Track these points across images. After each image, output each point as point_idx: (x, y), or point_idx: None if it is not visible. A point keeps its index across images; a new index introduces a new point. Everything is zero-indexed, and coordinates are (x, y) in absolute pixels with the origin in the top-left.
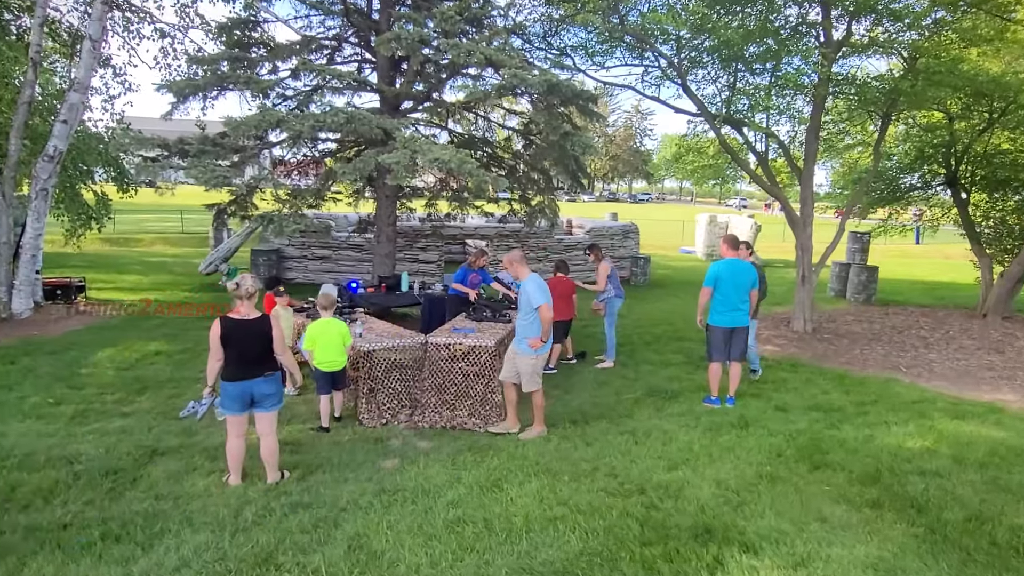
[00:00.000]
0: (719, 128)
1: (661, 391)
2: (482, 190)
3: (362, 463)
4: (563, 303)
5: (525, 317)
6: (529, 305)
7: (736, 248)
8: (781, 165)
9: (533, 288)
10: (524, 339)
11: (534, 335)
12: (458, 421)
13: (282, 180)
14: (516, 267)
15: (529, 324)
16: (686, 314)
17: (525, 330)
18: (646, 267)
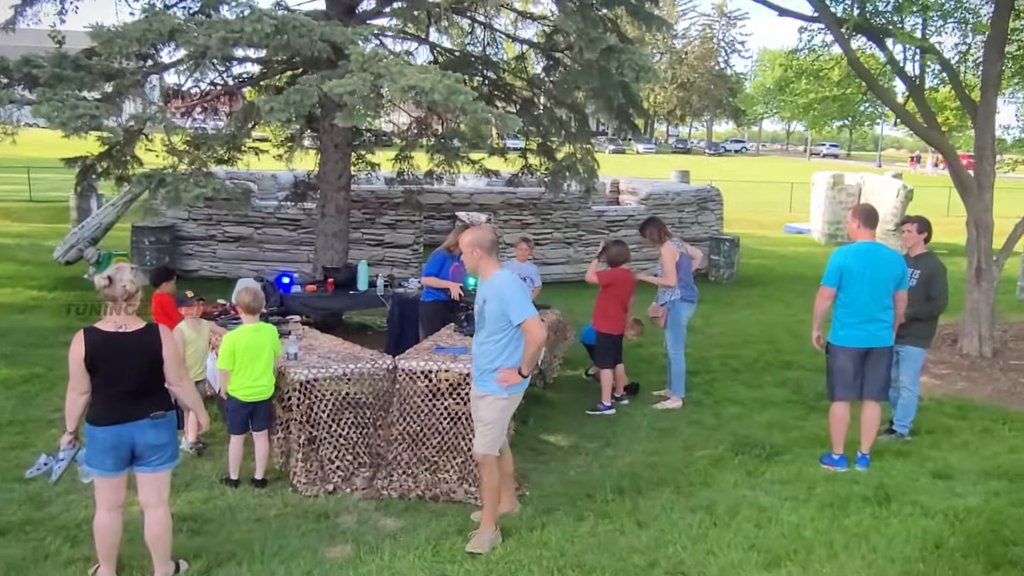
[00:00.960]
0: (848, 39)
1: (755, 445)
2: (481, 136)
3: (297, 551)
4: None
5: (492, 337)
6: (502, 318)
7: (873, 226)
8: (945, 97)
9: (512, 292)
10: (489, 371)
11: (510, 363)
12: (442, 488)
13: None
14: (478, 256)
15: (501, 348)
16: (794, 328)
17: (490, 356)
18: (733, 255)
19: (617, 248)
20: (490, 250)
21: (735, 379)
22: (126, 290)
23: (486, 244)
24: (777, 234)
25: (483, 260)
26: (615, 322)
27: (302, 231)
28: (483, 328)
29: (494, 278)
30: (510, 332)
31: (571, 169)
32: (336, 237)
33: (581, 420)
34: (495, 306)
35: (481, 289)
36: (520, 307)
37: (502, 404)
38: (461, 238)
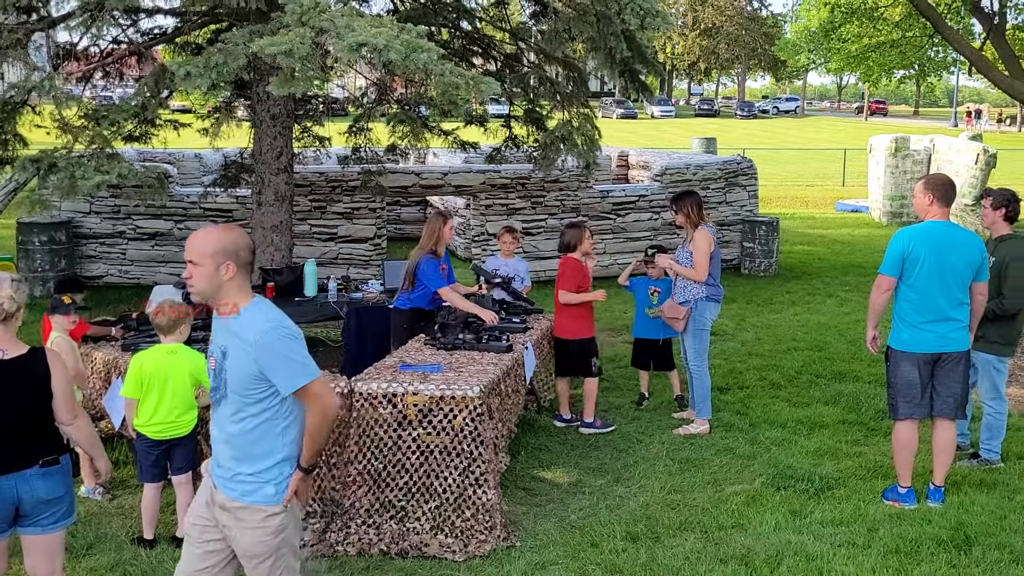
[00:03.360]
0: None
1: (801, 478)
2: (454, 102)
3: None
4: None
5: (244, 413)
6: (259, 383)
7: (949, 202)
8: None
9: (281, 340)
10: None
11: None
12: (412, 542)
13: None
14: (229, 274)
15: (263, 431)
16: (848, 330)
17: (245, 446)
18: (772, 241)
19: (572, 232)
20: (247, 266)
21: (775, 396)
22: (3, 309)
23: (245, 256)
24: (827, 213)
25: (234, 282)
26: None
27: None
28: (225, 398)
29: (247, 313)
30: (275, 405)
31: (566, 140)
32: (277, 231)
33: (583, 450)
34: (245, 363)
35: (220, 332)
36: (296, 366)
37: (278, 523)
38: (192, 242)
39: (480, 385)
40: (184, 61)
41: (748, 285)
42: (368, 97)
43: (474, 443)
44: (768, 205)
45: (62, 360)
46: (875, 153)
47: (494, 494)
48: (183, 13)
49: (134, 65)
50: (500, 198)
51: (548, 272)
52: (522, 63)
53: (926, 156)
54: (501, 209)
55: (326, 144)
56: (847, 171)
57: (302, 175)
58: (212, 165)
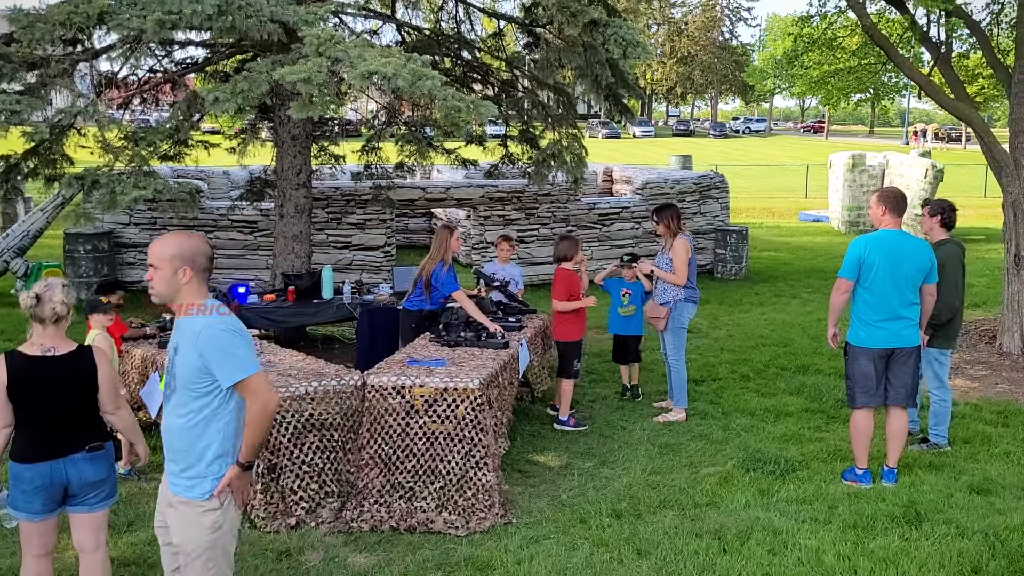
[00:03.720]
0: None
1: (768, 461)
2: (456, 124)
3: None
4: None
5: (187, 407)
6: (203, 377)
7: (900, 213)
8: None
9: (226, 336)
10: (189, 465)
11: (219, 451)
12: (419, 519)
13: (114, 114)
14: (186, 279)
15: (203, 427)
16: (811, 328)
17: (190, 439)
18: (741, 248)
19: (565, 244)
20: (204, 272)
21: (745, 387)
22: (55, 312)
23: (201, 261)
24: (791, 223)
25: (190, 286)
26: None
27: (259, 234)
28: (174, 392)
29: (198, 311)
30: (216, 400)
31: (556, 158)
32: (297, 240)
33: (573, 437)
34: (191, 356)
35: (175, 331)
36: (236, 360)
37: (213, 520)
38: (153, 247)
39: (480, 378)
40: (213, 88)
41: (721, 288)
42: (379, 119)
43: (475, 430)
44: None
45: (107, 356)
46: (834, 168)
47: (493, 476)
48: (212, 45)
49: (168, 92)
50: (497, 210)
51: (540, 276)
52: (517, 88)
53: (880, 171)
54: (498, 220)
55: (341, 162)
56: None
57: (319, 190)
58: (239, 181)
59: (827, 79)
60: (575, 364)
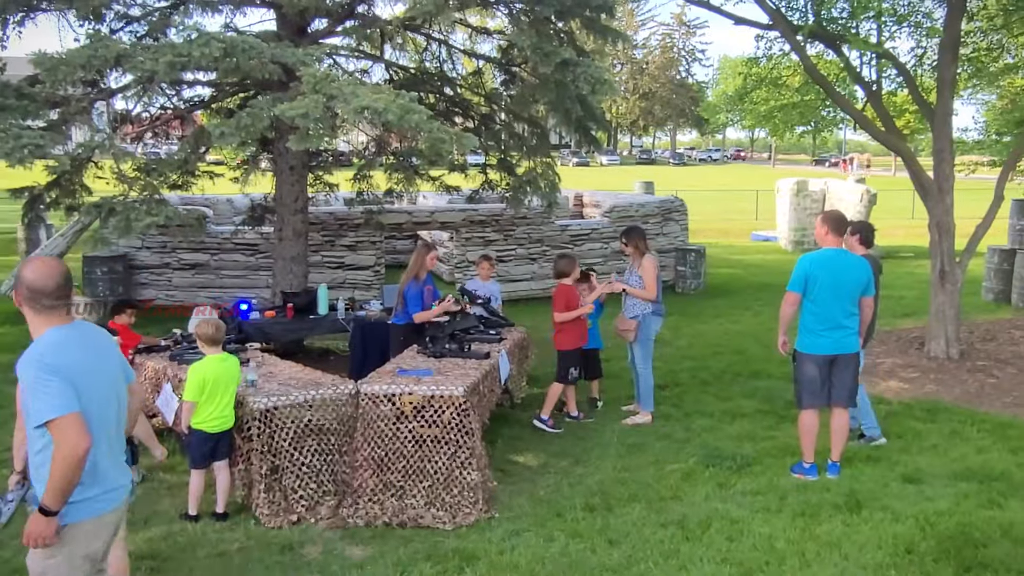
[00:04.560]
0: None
1: (725, 457)
2: (440, 153)
3: None
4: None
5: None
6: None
7: (841, 232)
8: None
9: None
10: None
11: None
12: (409, 515)
13: (128, 148)
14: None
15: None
16: (763, 336)
17: (40, 459)
18: (699, 265)
19: (563, 262)
20: (32, 301)
21: (704, 391)
22: None
23: (29, 293)
24: (744, 242)
25: (28, 311)
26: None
27: (260, 256)
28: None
29: (36, 343)
30: (49, 435)
31: (532, 184)
32: (295, 261)
33: (550, 439)
34: (22, 385)
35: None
36: (43, 400)
37: (44, 550)
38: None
39: (464, 386)
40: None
41: (682, 301)
42: (369, 150)
43: (460, 433)
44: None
45: None
46: (781, 193)
47: (477, 474)
48: (218, 84)
49: (178, 126)
50: (478, 231)
51: (518, 292)
52: (495, 121)
53: (822, 195)
54: (478, 241)
55: (335, 189)
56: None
57: (315, 215)
58: (241, 207)
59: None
60: (571, 371)
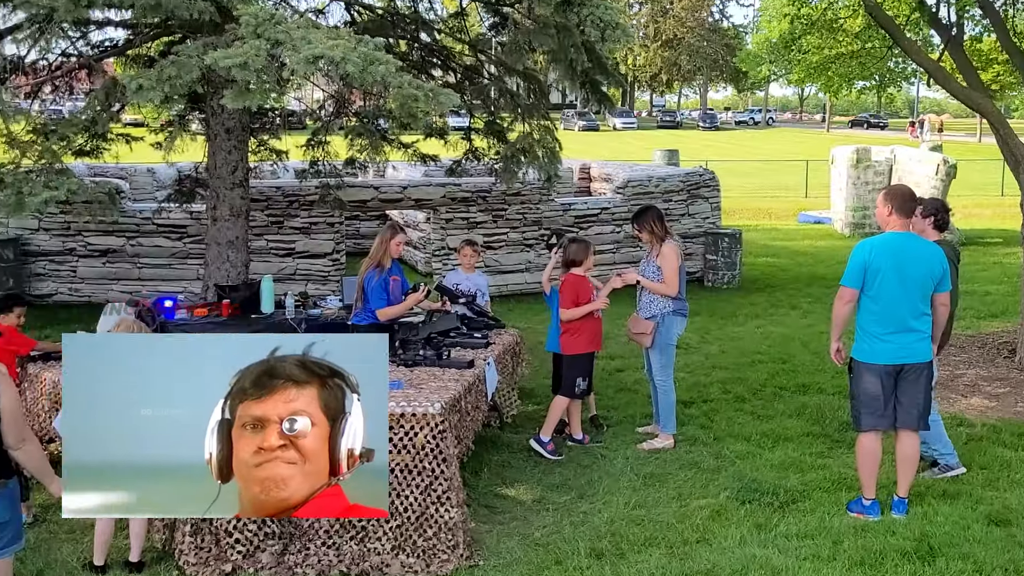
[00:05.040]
0: None
1: (765, 492)
2: (413, 115)
3: None
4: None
5: None
6: None
7: (909, 213)
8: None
9: None
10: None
11: None
12: (373, 562)
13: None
14: None
15: None
16: (812, 342)
17: None
18: (735, 253)
19: (574, 248)
20: None
21: (740, 409)
22: None
23: None
24: (790, 225)
25: None
26: (589, 337)
27: (188, 240)
28: None
29: None
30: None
31: (527, 152)
32: (232, 247)
33: (548, 467)
34: None
35: None
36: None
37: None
38: None
39: (441, 402)
40: (136, 74)
41: (711, 298)
42: (326, 110)
43: (435, 461)
44: (731, 217)
45: (11, 381)
46: (837, 165)
47: (457, 512)
48: (134, 25)
49: (84, 78)
50: (461, 212)
51: (511, 286)
52: (482, 75)
53: (887, 167)
54: (461, 223)
55: (283, 158)
56: (809, 182)
57: (258, 189)
58: (165, 180)
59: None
60: (579, 382)
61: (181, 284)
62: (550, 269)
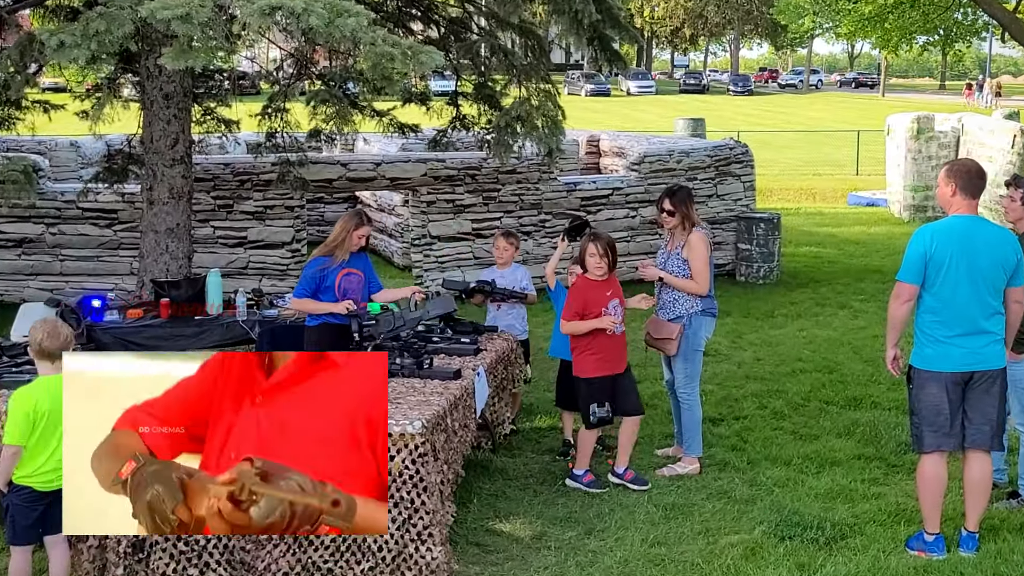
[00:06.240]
0: None
1: (809, 525)
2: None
3: None
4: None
5: None
6: None
7: (976, 193)
8: None
9: None
10: None
11: None
12: None
13: None
14: None
15: None
16: (865, 347)
17: None
18: (772, 241)
19: (583, 242)
20: None
21: (778, 427)
22: None
23: None
24: (838, 208)
25: None
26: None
27: (120, 228)
28: None
29: None
30: None
31: (524, 122)
32: (172, 235)
33: (549, 499)
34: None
35: None
36: None
37: None
38: None
39: (422, 420)
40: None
41: (745, 295)
42: (284, 72)
43: (415, 490)
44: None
45: None
46: (894, 135)
47: (440, 551)
48: None
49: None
50: (445, 193)
51: None
52: (470, 29)
53: (954, 138)
54: (446, 206)
55: (233, 129)
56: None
57: (203, 167)
58: (92, 155)
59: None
60: (594, 409)
61: (111, 280)
62: (556, 259)
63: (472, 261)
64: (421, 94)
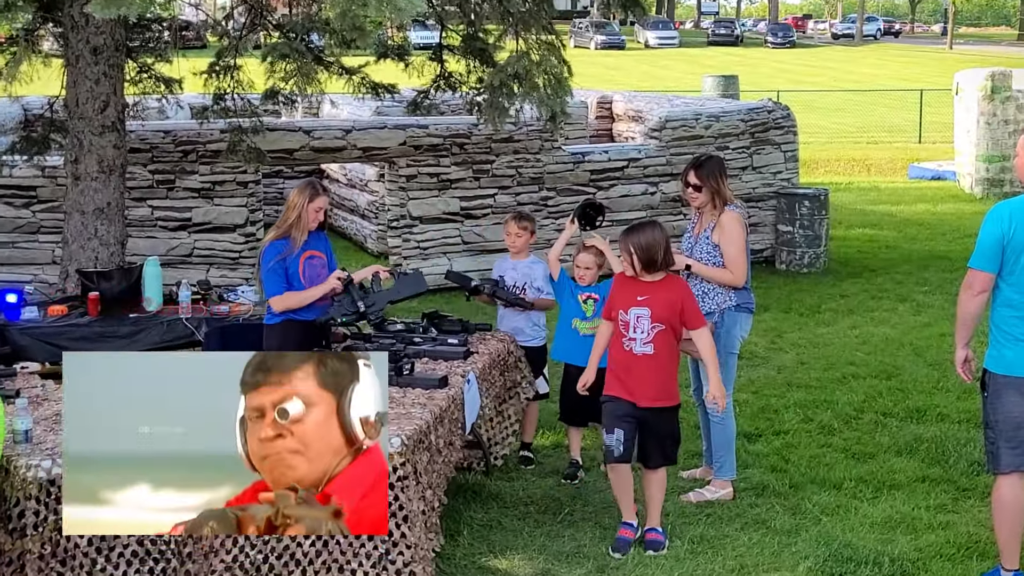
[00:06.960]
0: None
1: (864, 560)
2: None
3: None
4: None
5: None
6: None
7: None
8: None
9: None
10: None
11: None
12: None
13: None
14: None
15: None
16: (929, 349)
17: None
18: (819, 223)
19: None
20: None
21: (826, 444)
22: None
23: None
24: (897, 182)
25: None
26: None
27: (40, 208)
28: None
29: None
30: None
31: (522, 80)
32: (102, 216)
33: (553, 531)
34: None
35: None
36: None
37: None
38: None
39: (401, 436)
40: None
41: (786, 286)
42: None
43: (394, 520)
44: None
45: None
46: (964, 96)
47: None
48: None
49: None
50: (428, 165)
51: None
52: None
53: None
54: (429, 182)
55: (175, 89)
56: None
57: (139, 135)
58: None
59: None
60: (607, 439)
61: (29, 270)
62: (561, 244)
63: (460, 247)
64: (399, 48)
